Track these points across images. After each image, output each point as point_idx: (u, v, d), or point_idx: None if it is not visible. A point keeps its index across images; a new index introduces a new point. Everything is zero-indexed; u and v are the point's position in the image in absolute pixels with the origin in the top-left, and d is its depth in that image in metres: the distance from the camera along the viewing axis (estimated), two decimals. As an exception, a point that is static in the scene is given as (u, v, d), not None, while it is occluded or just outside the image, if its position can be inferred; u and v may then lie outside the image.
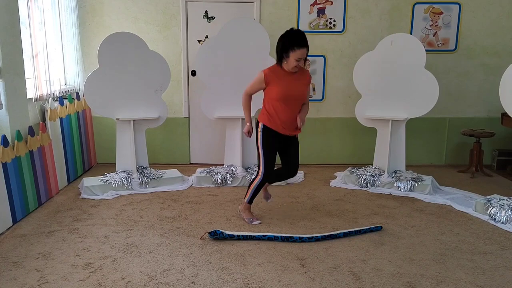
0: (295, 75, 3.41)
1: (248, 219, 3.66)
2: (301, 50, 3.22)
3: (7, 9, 3.54)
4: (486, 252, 3.14)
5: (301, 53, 3.23)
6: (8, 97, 3.54)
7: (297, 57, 3.24)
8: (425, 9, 5.23)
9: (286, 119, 3.42)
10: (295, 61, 3.25)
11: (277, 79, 3.37)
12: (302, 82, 3.44)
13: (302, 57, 3.25)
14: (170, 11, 5.15)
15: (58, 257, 2.98)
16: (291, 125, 3.46)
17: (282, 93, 3.34)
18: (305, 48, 3.24)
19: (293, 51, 3.23)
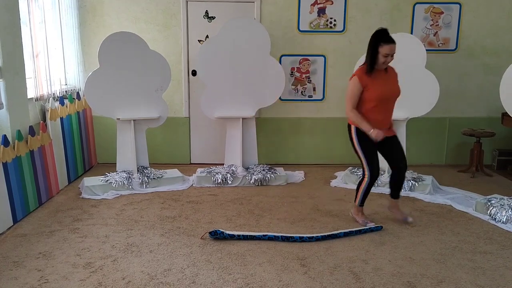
0: (386, 74, 3.39)
1: (362, 221, 3.59)
2: (389, 46, 3.24)
3: (7, 8, 3.54)
4: (487, 252, 3.14)
5: (389, 49, 3.24)
6: (8, 97, 3.55)
7: (385, 53, 3.24)
8: (426, 9, 5.23)
9: (379, 120, 3.37)
10: (383, 57, 3.26)
11: (371, 80, 3.33)
12: (394, 79, 3.46)
13: (390, 52, 3.25)
14: (171, 10, 5.15)
15: (59, 257, 2.99)
16: (386, 126, 3.43)
17: (381, 94, 3.33)
18: (393, 44, 3.25)
19: (381, 47, 3.25)
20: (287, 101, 5.40)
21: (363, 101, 3.39)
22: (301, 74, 5.37)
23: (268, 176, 4.70)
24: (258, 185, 4.66)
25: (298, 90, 5.41)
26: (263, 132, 5.40)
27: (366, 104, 3.38)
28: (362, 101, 3.40)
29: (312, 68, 5.35)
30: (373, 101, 3.35)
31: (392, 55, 3.28)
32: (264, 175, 4.70)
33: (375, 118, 3.37)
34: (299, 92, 5.42)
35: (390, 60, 3.32)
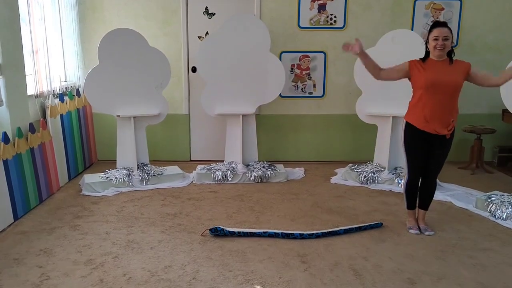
0: (448, 65, 3.18)
1: (408, 226, 3.47)
2: (437, 29, 3.13)
3: (7, 5, 3.53)
4: (487, 248, 3.15)
5: (437, 32, 3.12)
6: (8, 94, 3.54)
7: (434, 36, 3.14)
8: (426, 5, 5.21)
9: (431, 112, 3.15)
10: (433, 41, 3.14)
11: (423, 67, 3.20)
12: (456, 70, 3.15)
13: (439, 34, 3.11)
14: (171, 7, 5.14)
15: (60, 254, 2.99)
16: (438, 120, 3.15)
17: (429, 80, 3.12)
18: (443, 27, 3.13)
19: (431, 33, 3.18)
20: (287, 98, 5.39)
21: (415, 89, 3.27)
22: (301, 70, 5.36)
23: (268, 173, 4.70)
24: (258, 182, 4.66)
25: (298, 87, 5.40)
26: (263, 129, 5.40)
27: (417, 92, 3.22)
28: (414, 89, 3.28)
29: (312, 64, 5.34)
30: (421, 88, 3.17)
31: (443, 38, 3.10)
32: (264, 172, 4.70)
33: (423, 108, 3.17)
34: (299, 89, 5.41)
35: (444, 44, 3.11)
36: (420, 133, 3.23)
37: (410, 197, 3.46)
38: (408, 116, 3.33)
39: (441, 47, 3.12)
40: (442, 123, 3.17)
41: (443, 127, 3.17)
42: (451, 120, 3.19)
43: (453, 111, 3.21)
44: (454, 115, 3.22)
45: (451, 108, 3.19)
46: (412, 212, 3.50)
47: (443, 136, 3.20)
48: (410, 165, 3.35)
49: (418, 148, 3.29)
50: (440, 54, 3.17)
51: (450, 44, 3.16)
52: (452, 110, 3.20)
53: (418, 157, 3.31)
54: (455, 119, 3.22)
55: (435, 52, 3.17)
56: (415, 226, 3.45)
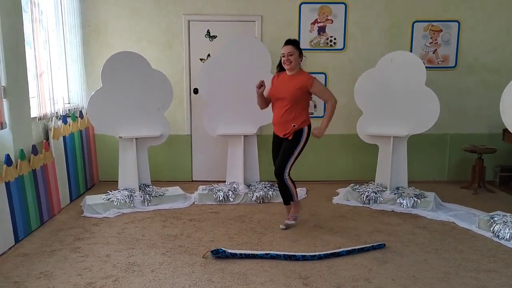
0: (290, 77, 3.74)
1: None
2: (283, 47, 3.71)
3: (12, 29, 3.60)
4: (491, 270, 3.12)
5: (283, 49, 3.70)
6: (12, 116, 3.58)
7: (282, 54, 3.72)
8: (425, 27, 5.29)
9: (275, 119, 3.80)
10: (282, 57, 3.72)
11: (276, 81, 3.82)
12: (294, 82, 3.70)
13: (284, 52, 3.68)
14: (173, 30, 5.23)
15: (60, 277, 2.97)
16: (279, 125, 3.78)
17: (270, 93, 3.82)
18: (287, 45, 3.70)
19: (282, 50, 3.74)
20: (288, 118, 5.42)
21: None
22: (302, 91, 5.40)
23: (270, 193, 4.70)
24: (260, 202, 4.65)
25: (299, 107, 5.43)
26: (265, 149, 5.40)
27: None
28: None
29: (313, 85, 5.38)
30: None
31: (288, 54, 3.67)
32: (266, 192, 4.69)
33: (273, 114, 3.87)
34: (300, 109, 5.44)
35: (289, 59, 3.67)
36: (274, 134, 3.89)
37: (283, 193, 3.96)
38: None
39: (288, 62, 3.66)
40: (283, 128, 3.76)
41: (284, 132, 3.76)
42: (292, 125, 3.71)
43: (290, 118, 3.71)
44: (296, 122, 3.72)
45: (290, 116, 3.71)
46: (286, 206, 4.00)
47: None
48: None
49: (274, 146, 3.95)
50: (288, 68, 3.71)
51: (296, 59, 3.71)
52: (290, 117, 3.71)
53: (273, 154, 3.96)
54: (297, 125, 3.72)
55: (285, 67, 3.73)
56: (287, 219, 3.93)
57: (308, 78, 3.72)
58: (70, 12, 4.83)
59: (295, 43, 3.73)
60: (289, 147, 3.76)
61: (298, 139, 3.76)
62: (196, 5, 5.20)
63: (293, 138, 3.75)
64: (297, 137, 3.75)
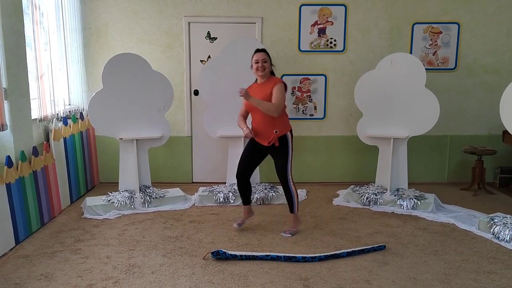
0: (262, 85, 3.71)
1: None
2: (256, 54, 3.70)
3: (13, 31, 3.61)
4: (491, 271, 3.12)
5: (257, 56, 3.69)
6: (13, 118, 3.58)
7: (254, 60, 3.69)
8: (424, 29, 5.30)
9: (255, 129, 3.73)
10: (255, 63, 3.69)
11: (250, 91, 3.72)
12: (266, 88, 3.66)
13: (258, 58, 3.66)
14: (173, 32, 5.24)
15: (60, 278, 2.97)
16: (261, 134, 3.70)
17: (245, 105, 3.75)
18: (260, 52, 3.71)
19: (252, 58, 3.73)
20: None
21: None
22: (302, 93, 5.42)
23: (270, 194, 4.70)
24: (260, 204, 4.66)
25: (299, 109, 5.45)
26: (265, 150, 5.42)
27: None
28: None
29: (313, 87, 5.40)
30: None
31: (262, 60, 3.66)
32: (266, 194, 4.70)
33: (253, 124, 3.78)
34: (300, 111, 5.46)
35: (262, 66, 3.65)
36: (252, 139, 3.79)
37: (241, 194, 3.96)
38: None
39: (262, 69, 3.65)
40: (264, 136, 3.68)
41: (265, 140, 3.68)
42: (274, 131, 3.63)
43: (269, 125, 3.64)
44: (278, 128, 3.64)
45: (268, 123, 3.63)
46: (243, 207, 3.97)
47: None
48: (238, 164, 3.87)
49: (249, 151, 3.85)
50: (261, 75, 3.68)
51: (269, 66, 3.70)
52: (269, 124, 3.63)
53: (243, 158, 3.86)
54: (279, 130, 3.64)
55: (258, 74, 3.70)
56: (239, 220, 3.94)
57: (277, 80, 3.68)
58: (71, 14, 4.84)
59: (265, 50, 3.74)
60: (282, 156, 3.69)
61: (286, 145, 3.68)
62: (197, 7, 5.21)
63: (280, 146, 3.66)
64: (284, 143, 3.68)
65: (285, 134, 3.69)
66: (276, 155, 3.73)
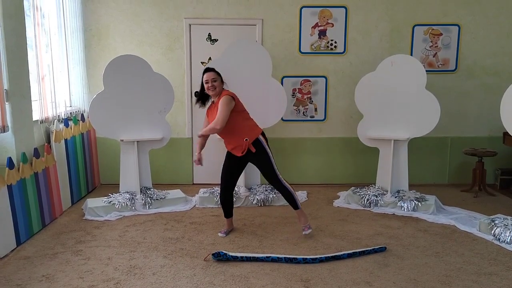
0: (215, 104, 3.70)
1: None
2: (205, 74, 3.70)
3: (14, 32, 3.62)
4: (492, 273, 3.12)
5: (206, 76, 3.69)
6: (14, 120, 3.59)
7: (204, 80, 3.69)
8: (425, 31, 5.31)
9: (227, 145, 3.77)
10: (205, 83, 3.69)
11: (209, 111, 3.81)
12: (216, 108, 3.62)
13: (208, 78, 3.67)
14: (174, 34, 5.25)
15: (62, 280, 2.98)
16: (234, 148, 3.70)
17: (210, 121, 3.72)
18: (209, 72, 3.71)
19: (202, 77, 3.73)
20: (289, 121, 5.45)
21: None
22: (303, 95, 5.43)
23: (270, 196, 4.71)
24: (260, 205, 4.66)
25: (300, 111, 5.46)
26: (266, 152, 5.42)
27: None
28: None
29: (313, 89, 5.41)
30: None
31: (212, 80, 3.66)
32: (266, 196, 4.70)
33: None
34: (301, 113, 5.46)
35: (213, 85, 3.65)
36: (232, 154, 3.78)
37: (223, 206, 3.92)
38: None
39: (212, 88, 3.65)
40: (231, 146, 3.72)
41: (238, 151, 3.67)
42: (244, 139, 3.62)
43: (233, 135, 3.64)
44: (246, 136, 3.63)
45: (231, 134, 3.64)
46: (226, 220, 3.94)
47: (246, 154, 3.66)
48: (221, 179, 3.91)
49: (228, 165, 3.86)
50: (213, 94, 3.68)
51: (219, 84, 3.69)
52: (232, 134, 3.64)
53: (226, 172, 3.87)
54: (248, 137, 3.63)
55: (209, 93, 3.70)
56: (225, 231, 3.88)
57: (221, 96, 3.63)
58: (72, 16, 4.86)
59: (214, 70, 3.74)
60: (263, 160, 3.67)
61: (262, 149, 3.66)
62: (197, 8, 5.23)
63: (257, 151, 3.64)
64: (259, 148, 3.65)
65: (257, 138, 3.65)
66: (257, 161, 3.71)
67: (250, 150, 3.62)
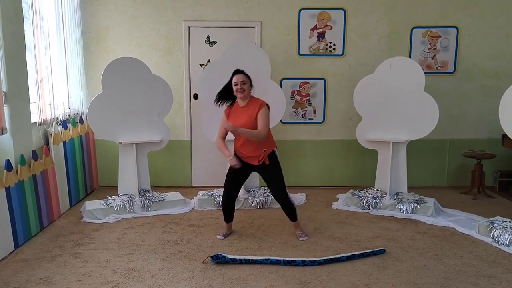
0: (245, 108, 3.66)
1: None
2: (235, 76, 3.63)
3: (13, 35, 3.62)
4: (491, 275, 3.12)
5: (236, 78, 3.62)
6: (12, 122, 3.59)
7: (234, 82, 3.63)
8: (423, 33, 5.32)
9: (244, 152, 3.66)
10: (234, 86, 3.62)
11: (230, 114, 3.72)
12: (250, 111, 3.61)
13: (237, 80, 3.60)
14: (173, 36, 5.26)
15: (60, 282, 2.97)
16: (250, 156, 3.65)
17: (227, 128, 3.60)
18: (241, 74, 3.64)
19: (231, 78, 3.67)
20: (287, 123, 5.45)
21: None
22: (302, 97, 5.43)
23: (269, 198, 4.70)
24: (259, 207, 4.65)
25: (299, 113, 5.46)
26: (265, 154, 5.42)
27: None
28: None
29: (312, 91, 5.41)
30: None
31: (241, 82, 3.60)
32: (265, 198, 4.70)
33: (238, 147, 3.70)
34: (300, 115, 5.46)
35: (242, 88, 3.60)
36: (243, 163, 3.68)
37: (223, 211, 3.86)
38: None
39: (241, 91, 3.58)
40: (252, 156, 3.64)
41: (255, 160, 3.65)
42: (263, 150, 3.62)
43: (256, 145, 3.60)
44: (265, 147, 3.63)
45: (254, 143, 3.59)
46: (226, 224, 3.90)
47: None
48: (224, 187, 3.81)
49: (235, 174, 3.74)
50: (241, 97, 3.62)
51: (248, 87, 3.63)
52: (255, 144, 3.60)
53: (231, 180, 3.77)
54: (267, 149, 3.64)
55: (237, 95, 3.63)
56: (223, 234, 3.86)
57: (261, 103, 3.62)
58: (70, 18, 4.86)
59: (244, 72, 3.67)
60: (276, 172, 3.69)
61: (275, 161, 3.69)
62: (196, 11, 5.23)
63: (271, 163, 3.66)
64: (273, 159, 3.68)
65: (273, 151, 3.70)
66: (268, 173, 3.70)
67: (264, 161, 3.63)
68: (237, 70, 3.70)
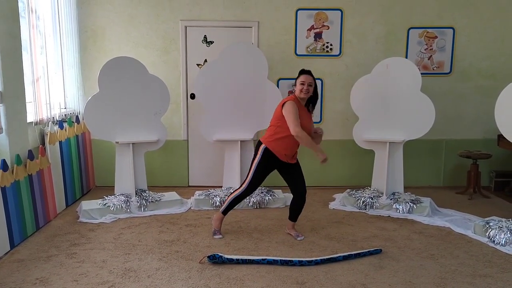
0: (306, 109, 3.74)
1: (214, 229, 3.85)
2: (305, 76, 3.62)
3: (9, 34, 3.60)
4: (487, 275, 3.13)
5: (304, 78, 3.61)
6: (8, 121, 3.57)
7: (300, 80, 3.61)
8: (420, 34, 5.34)
9: (293, 149, 3.72)
10: (300, 84, 3.61)
11: (299, 109, 3.62)
12: (309, 115, 3.76)
13: (305, 81, 3.59)
14: (170, 36, 5.25)
15: (56, 283, 2.96)
16: (294, 155, 3.77)
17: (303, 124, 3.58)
18: (310, 76, 3.64)
19: (298, 78, 3.66)
20: (285, 123, 5.44)
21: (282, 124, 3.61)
22: (299, 97, 5.42)
23: (266, 198, 4.70)
24: (256, 207, 4.65)
25: (296, 113, 5.45)
26: (261, 154, 5.42)
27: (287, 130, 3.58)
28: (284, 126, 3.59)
29: (309, 91, 5.41)
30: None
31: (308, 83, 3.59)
32: (262, 198, 4.70)
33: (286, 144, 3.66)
34: (297, 115, 5.46)
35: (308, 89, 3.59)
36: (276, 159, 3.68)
37: (233, 206, 3.85)
38: (271, 144, 3.66)
39: (306, 92, 3.58)
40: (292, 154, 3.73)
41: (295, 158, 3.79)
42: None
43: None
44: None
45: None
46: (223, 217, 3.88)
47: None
48: (252, 181, 3.74)
49: (268, 170, 3.76)
50: (304, 97, 3.62)
51: (312, 90, 3.64)
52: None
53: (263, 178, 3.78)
54: None
55: (301, 95, 3.60)
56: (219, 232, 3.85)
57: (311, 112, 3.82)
58: (67, 18, 4.84)
59: (311, 73, 3.67)
60: (300, 171, 3.83)
61: (297, 160, 3.86)
62: (193, 11, 5.22)
63: (297, 162, 3.84)
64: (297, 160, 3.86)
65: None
66: (297, 171, 3.80)
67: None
68: (305, 70, 3.68)
